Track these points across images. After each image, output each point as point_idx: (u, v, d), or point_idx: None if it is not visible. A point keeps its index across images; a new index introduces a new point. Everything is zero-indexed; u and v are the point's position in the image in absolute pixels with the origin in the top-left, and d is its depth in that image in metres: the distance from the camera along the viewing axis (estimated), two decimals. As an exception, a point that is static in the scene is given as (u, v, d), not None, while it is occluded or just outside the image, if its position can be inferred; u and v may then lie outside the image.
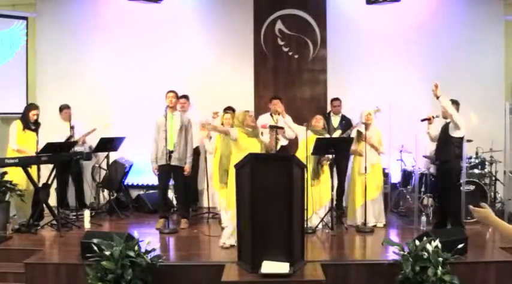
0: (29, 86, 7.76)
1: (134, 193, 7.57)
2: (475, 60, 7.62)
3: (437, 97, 5.47)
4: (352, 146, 6.04)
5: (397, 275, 4.26)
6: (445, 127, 5.75)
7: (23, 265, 4.57)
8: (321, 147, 5.69)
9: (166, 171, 5.99)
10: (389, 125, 6.48)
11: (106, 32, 7.73)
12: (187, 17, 7.78)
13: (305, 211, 4.82)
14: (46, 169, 6.10)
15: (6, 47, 7.70)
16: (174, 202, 6.71)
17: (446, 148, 5.67)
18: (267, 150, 5.78)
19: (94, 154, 7.16)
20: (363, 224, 5.93)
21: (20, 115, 6.27)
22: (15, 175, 5.92)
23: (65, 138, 6.45)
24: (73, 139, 6.49)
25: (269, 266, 4.07)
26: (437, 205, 6.24)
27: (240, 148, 5.45)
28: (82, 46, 7.70)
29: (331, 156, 5.94)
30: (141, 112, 7.33)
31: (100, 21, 7.74)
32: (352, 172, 6.26)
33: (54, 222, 5.92)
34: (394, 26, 7.65)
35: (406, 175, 6.99)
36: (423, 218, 5.91)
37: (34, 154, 5.82)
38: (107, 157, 6.97)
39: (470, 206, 2.58)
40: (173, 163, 5.90)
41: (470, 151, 6.61)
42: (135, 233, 4.49)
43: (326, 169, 6.06)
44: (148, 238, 4.48)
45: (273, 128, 6.04)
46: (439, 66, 7.38)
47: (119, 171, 7.22)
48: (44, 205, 5.91)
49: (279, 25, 7.73)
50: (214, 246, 5.25)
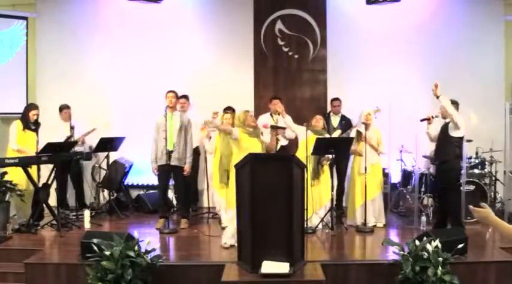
0: (29, 86, 7.76)
1: (134, 193, 7.57)
2: (475, 60, 7.62)
3: (437, 97, 5.48)
4: (352, 146, 6.04)
5: (397, 275, 4.26)
6: (445, 127, 5.75)
7: (23, 265, 4.56)
8: (321, 147, 5.69)
9: (166, 171, 5.98)
10: (389, 125, 6.48)
11: (106, 32, 7.73)
12: (187, 17, 7.78)
13: (305, 211, 4.82)
14: (46, 169, 6.11)
15: (6, 47, 7.69)
16: (174, 202, 6.71)
17: (445, 148, 5.68)
18: (267, 150, 5.79)
19: (94, 154, 7.16)
20: (362, 224, 5.93)
21: (20, 115, 6.27)
22: (15, 175, 5.92)
23: (64, 138, 6.46)
24: (72, 139, 6.48)
25: (269, 266, 4.07)
26: (437, 205, 6.24)
27: (241, 148, 5.45)
28: (82, 46, 7.70)
29: (331, 156, 5.94)
30: (141, 112, 7.32)
31: (100, 21, 7.74)
32: (352, 172, 6.26)
33: (54, 222, 5.92)
34: (394, 26, 7.65)
35: (406, 175, 6.99)
36: (423, 218, 5.91)
37: (34, 154, 5.82)
38: (107, 157, 6.97)
39: (471, 206, 2.58)
40: (173, 163, 5.90)
41: (470, 151, 6.61)
42: (135, 233, 4.49)
43: (326, 169, 6.06)
44: (148, 238, 4.48)
45: (274, 128, 6.04)
46: (439, 66, 7.38)
47: (119, 171, 7.23)
48: (44, 205, 5.90)
49: (279, 25, 7.73)
50: (214, 246, 5.25)
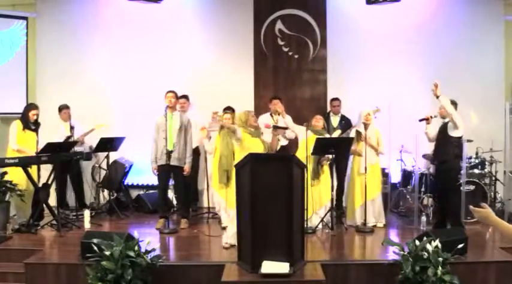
0: (29, 86, 7.76)
1: (134, 193, 7.57)
2: (475, 60, 7.62)
3: (437, 97, 5.48)
4: (351, 146, 6.04)
5: (397, 275, 4.26)
6: (444, 127, 5.75)
7: (23, 265, 4.56)
8: (321, 147, 5.69)
9: (166, 171, 5.98)
10: (389, 125, 6.48)
11: (106, 32, 7.73)
12: (187, 17, 7.78)
13: (305, 211, 4.82)
14: (46, 169, 6.10)
15: (6, 47, 7.69)
16: (174, 202, 6.71)
17: (444, 148, 5.68)
18: (268, 150, 5.79)
19: (94, 154, 7.15)
20: (362, 224, 5.93)
21: (20, 115, 6.27)
22: (15, 175, 5.92)
23: (63, 138, 6.46)
24: (72, 139, 6.48)
25: (269, 266, 4.07)
26: (437, 205, 6.24)
27: (243, 147, 5.45)
28: (82, 46, 7.70)
29: (331, 156, 5.94)
30: (141, 112, 7.32)
31: (100, 21, 7.73)
32: (352, 172, 6.25)
33: (54, 222, 5.91)
34: (394, 26, 7.65)
35: (406, 175, 6.99)
36: (423, 218, 5.90)
37: (34, 154, 5.82)
38: (107, 157, 6.96)
39: (471, 206, 2.58)
40: (173, 163, 5.89)
41: (470, 151, 6.60)
42: (135, 233, 4.49)
43: (326, 169, 6.05)
44: (148, 238, 4.48)
45: (276, 128, 6.04)
46: (439, 66, 7.38)
47: (119, 171, 7.23)
48: (44, 205, 5.90)
49: (279, 25, 7.73)
50: (214, 246, 5.25)
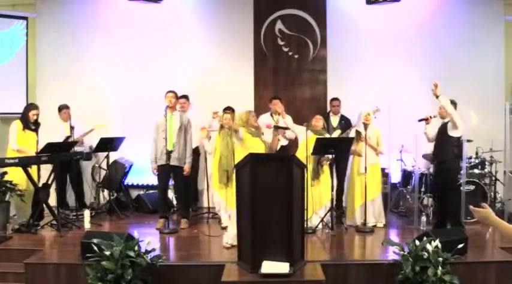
0: (29, 86, 7.76)
1: (134, 193, 7.57)
2: (475, 60, 7.61)
3: (437, 97, 5.48)
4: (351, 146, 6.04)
5: (397, 275, 4.26)
6: (443, 127, 5.75)
7: (23, 265, 4.56)
8: (321, 147, 5.69)
9: (166, 171, 5.98)
10: (389, 125, 6.48)
11: (106, 32, 7.73)
12: (187, 17, 7.78)
13: (305, 211, 4.82)
14: (46, 169, 6.10)
15: (6, 47, 7.69)
16: (174, 202, 6.71)
17: (444, 148, 5.68)
18: (269, 150, 5.79)
19: (94, 154, 7.16)
20: (362, 224, 5.93)
21: (20, 115, 6.27)
22: (15, 175, 5.92)
23: (63, 138, 6.45)
24: (72, 139, 6.48)
25: (269, 266, 4.07)
26: (437, 205, 6.24)
27: (244, 147, 5.45)
28: (82, 46, 7.69)
29: (331, 156, 5.94)
30: (141, 112, 7.32)
31: (100, 21, 7.73)
32: (351, 172, 6.24)
33: (54, 222, 5.91)
34: (394, 26, 7.65)
35: (406, 175, 6.99)
36: (423, 218, 5.90)
37: (34, 154, 5.82)
38: (107, 157, 6.96)
39: (471, 206, 2.58)
40: (172, 163, 5.89)
41: (470, 151, 6.60)
42: (135, 233, 4.49)
43: (326, 169, 6.05)
44: (148, 238, 4.48)
45: (278, 128, 6.03)
46: (439, 66, 7.37)
47: (119, 171, 7.22)
48: (44, 205, 5.90)
49: (279, 25, 7.73)
50: (214, 246, 5.25)
